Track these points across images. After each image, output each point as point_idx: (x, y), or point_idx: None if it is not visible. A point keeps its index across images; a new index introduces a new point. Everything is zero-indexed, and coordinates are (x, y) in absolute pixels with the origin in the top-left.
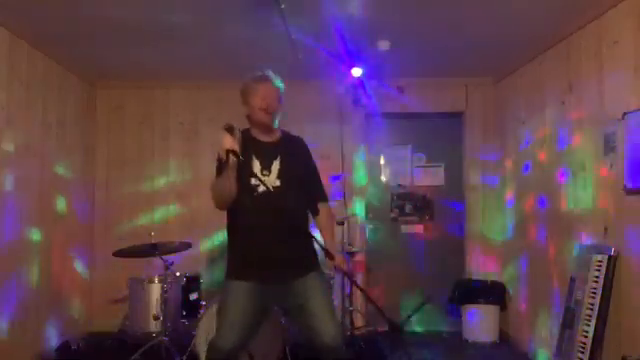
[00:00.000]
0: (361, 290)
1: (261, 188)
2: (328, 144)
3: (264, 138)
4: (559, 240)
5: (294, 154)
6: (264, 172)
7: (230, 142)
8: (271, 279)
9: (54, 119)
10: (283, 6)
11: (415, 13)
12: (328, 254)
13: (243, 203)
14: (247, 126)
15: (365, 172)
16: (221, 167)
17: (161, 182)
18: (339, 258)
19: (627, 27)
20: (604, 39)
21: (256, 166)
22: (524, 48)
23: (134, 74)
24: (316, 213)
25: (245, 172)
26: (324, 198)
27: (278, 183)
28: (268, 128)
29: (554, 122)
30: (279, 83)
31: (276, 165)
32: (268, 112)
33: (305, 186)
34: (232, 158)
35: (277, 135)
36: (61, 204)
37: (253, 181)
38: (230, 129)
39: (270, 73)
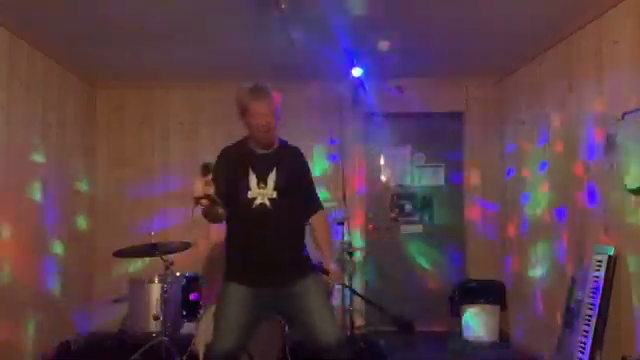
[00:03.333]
0: (362, 297)
1: (258, 201)
2: (328, 144)
3: (260, 150)
4: (559, 240)
5: (289, 165)
6: (260, 185)
7: (199, 190)
8: (268, 284)
9: (54, 119)
10: (283, 6)
11: (415, 13)
12: (323, 270)
13: (240, 216)
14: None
15: (365, 172)
16: (223, 172)
17: (161, 182)
18: (334, 274)
19: (627, 27)
20: (604, 39)
21: (252, 179)
22: (524, 48)
23: (134, 74)
24: (311, 222)
25: (242, 186)
26: (319, 206)
27: (274, 195)
28: (268, 145)
29: (554, 122)
30: (275, 96)
31: (272, 177)
32: (269, 131)
33: (301, 196)
34: (204, 202)
35: (274, 146)
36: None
37: (250, 194)
38: (205, 169)
39: (266, 87)
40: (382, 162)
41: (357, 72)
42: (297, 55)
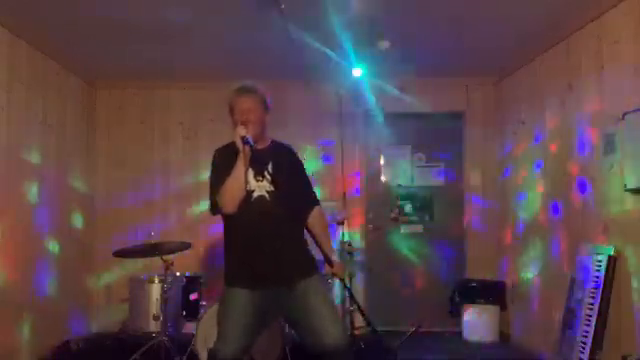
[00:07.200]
0: (358, 307)
1: (256, 194)
2: (328, 144)
3: (255, 146)
4: (560, 240)
5: (284, 161)
6: (258, 178)
7: (244, 130)
8: (270, 284)
9: (54, 119)
10: (283, 6)
11: (415, 13)
12: (328, 261)
13: (240, 210)
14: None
15: (365, 172)
16: (225, 166)
17: (161, 182)
18: (338, 267)
19: (627, 27)
20: (604, 39)
21: (250, 172)
22: (524, 48)
23: (134, 74)
24: (309, 217)
25: None
26: (315, 202)
27: (272, 188)
28: (259, 140)
29: (554, 122)
30: (258, 93)
31: (269, 170)
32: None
33: (297, 191)
34: (245, 147)
35: (267, 142)
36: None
37: (248, 187)
38: (246, 124)
39: (251, 84)
40: (382, 162)
41: (357, 72)
42: (297, 55)
